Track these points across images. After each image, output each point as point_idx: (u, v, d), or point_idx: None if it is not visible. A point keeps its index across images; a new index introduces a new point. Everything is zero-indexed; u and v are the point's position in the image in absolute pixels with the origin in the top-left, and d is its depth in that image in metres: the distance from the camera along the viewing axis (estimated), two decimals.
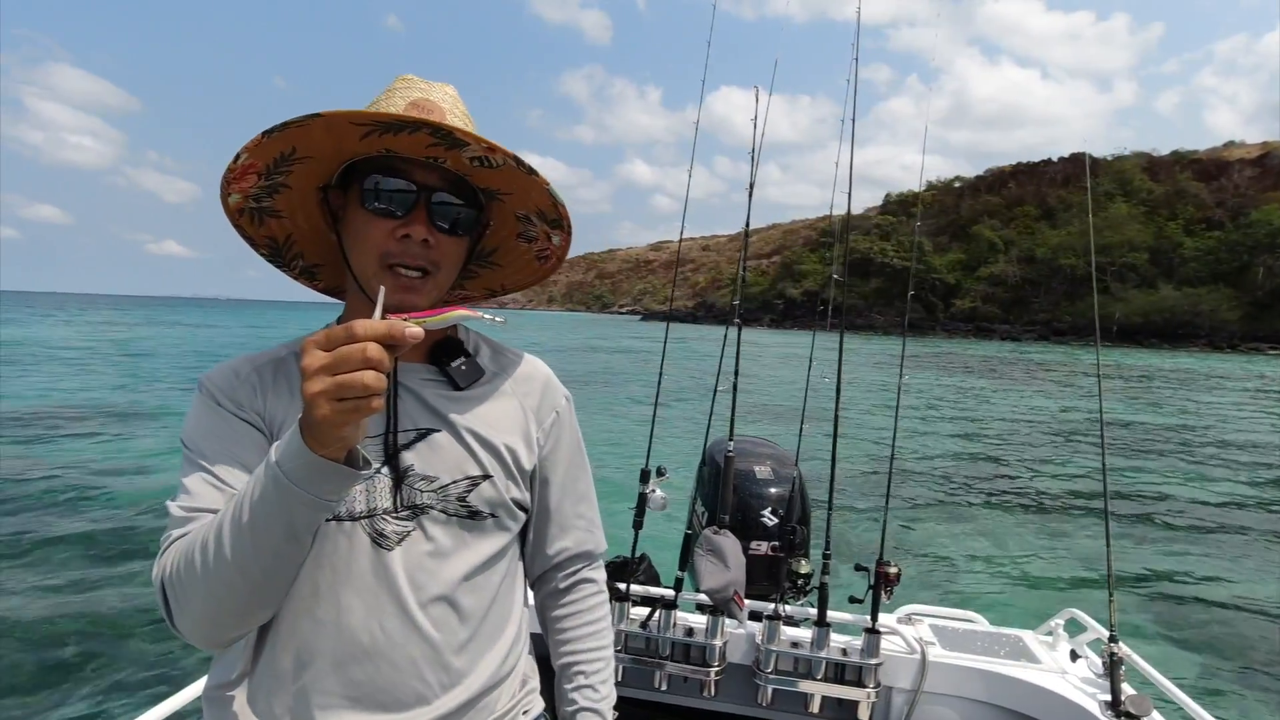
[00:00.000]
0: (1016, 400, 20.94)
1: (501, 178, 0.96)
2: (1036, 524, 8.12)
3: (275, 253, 1.03)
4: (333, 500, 0.76)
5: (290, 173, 0.91)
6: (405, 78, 0.99)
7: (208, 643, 0.85)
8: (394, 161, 0.91)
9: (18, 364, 20.85)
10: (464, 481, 0.97)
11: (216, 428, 0.91)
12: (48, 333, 37.71)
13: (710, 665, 1.86)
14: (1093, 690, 1.80)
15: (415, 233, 0.90)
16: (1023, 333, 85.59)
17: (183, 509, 0.86)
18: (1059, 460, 11.83)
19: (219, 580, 0.78)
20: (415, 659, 0.92)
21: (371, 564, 0.92)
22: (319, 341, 0.68)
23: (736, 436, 2.06)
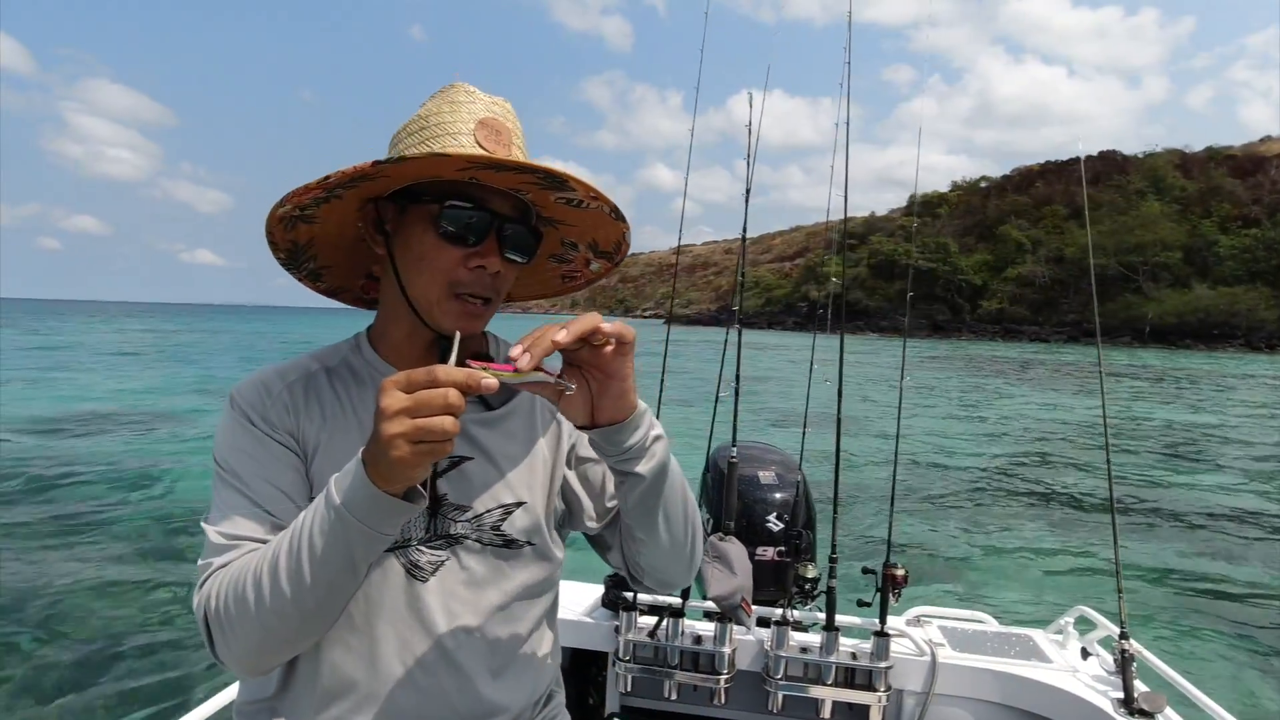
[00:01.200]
0: (1035, 400, 20.62)
1: (577, 214, 0.96)
2: (1046, 522, 8.07)
3: (293, 256, 1.01)
4: (390, 534, 0.77)
5: (356, 187, 0.89)
6: (466, 89, 0.96)
7: (251, 671, 0.85)
8: (473, 188, 0.89)
9: (87, 367, 21.47)
10: (498, 510, 0.96)
11: (251, 448, 0.90)
12: (105, 338, 38.76)
13: (720, 673, 1.86)
14: (1105, 688, 1.78)
15: (490, 264, 0.89)
16: (1052, 334, 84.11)
17: (222, 536, 0.86)
18: (1072, 460, 11.71)
19: (274, 615, 0.79)
20: (447, 690, 0.92)
21: (405, 595, 0.92)
22: (400, 383, 0.69)
23: (739, 442, 2.06)
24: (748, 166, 2.20)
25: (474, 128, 0.91)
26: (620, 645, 1.90)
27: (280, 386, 0.95)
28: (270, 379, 0.96)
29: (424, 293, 0.91)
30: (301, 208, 0.91)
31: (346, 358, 1.00)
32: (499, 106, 0.96)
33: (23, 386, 17.23)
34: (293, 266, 1.02)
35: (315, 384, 0.96)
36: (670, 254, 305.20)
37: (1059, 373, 33.80)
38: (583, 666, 2.09)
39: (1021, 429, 15.36)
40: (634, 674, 1.90)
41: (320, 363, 0.99)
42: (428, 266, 0.90)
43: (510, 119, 0.96)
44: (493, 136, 0.92)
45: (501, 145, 0.92)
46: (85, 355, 28.21)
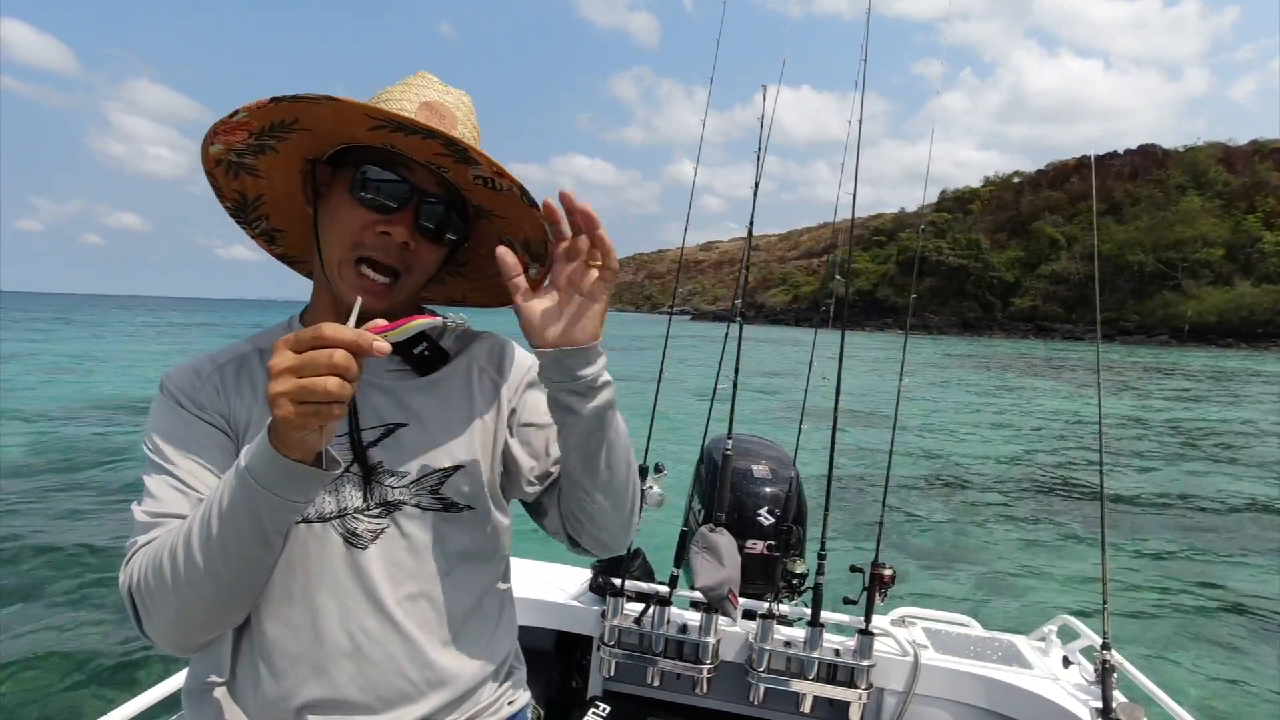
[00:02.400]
0: (1057, 401, 20.25)
1: (500, 201, 0.94)
2: (1038, 528, 8.01)
3: (240, 208, 0.99)
4: (300, 502, 0.76)
5: (283, 140, 0.88)
6: (424, 75, 0.96)
7: (177, 648, 0.84)
8: (394, 156, 0.88)
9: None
10: (435, 474, 0.94)
11: (178, 430, 0.90)
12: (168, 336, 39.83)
13: (703, 662, 1.87)
14: (1084, 697, 1.78)
15: (397, 232, 0.88)
16: (1086, 332, 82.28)
17: (147, 514, 0.85)
18: (1074, 464, 11.53)
19: (189, 586, 0.78)
20: (396, 657, 0.91)
21: (345, 564, 0.91)
22: (289, 342, 0.68)
23: (735, 435, 2.07)
24: (758, 160, 2.20)
25: (416, 107, 0.91)
26: (606, 630, 1.92)
27: (210, 369, 0.94)
28: (201, 363, 0.96)
29: (330, 254, 0.90)
30: (239, 154, 0.90)
31: (278, 338, 0.99)
32: (452, 96, 0.95)
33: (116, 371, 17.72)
34: (242, 220, 1.01)
35: (247, 365, 0.96)
36: (698, 250, 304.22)
37: (1087, 370, 33.07)
38: (568, 650, 2.11)
39: (1035, 429, 15.10)
40: (618, 659, 1.92)
41: (254, 345, 0.99)
42: (338, 226, 0.89)
43: (463, 110, 0.95)
44: (434, 118, 0.91)
45: (441, 127, 0.88)
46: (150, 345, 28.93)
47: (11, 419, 11.66)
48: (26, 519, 6.51)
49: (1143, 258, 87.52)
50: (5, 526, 6.23)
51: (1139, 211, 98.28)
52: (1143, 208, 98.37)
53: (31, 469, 8.34)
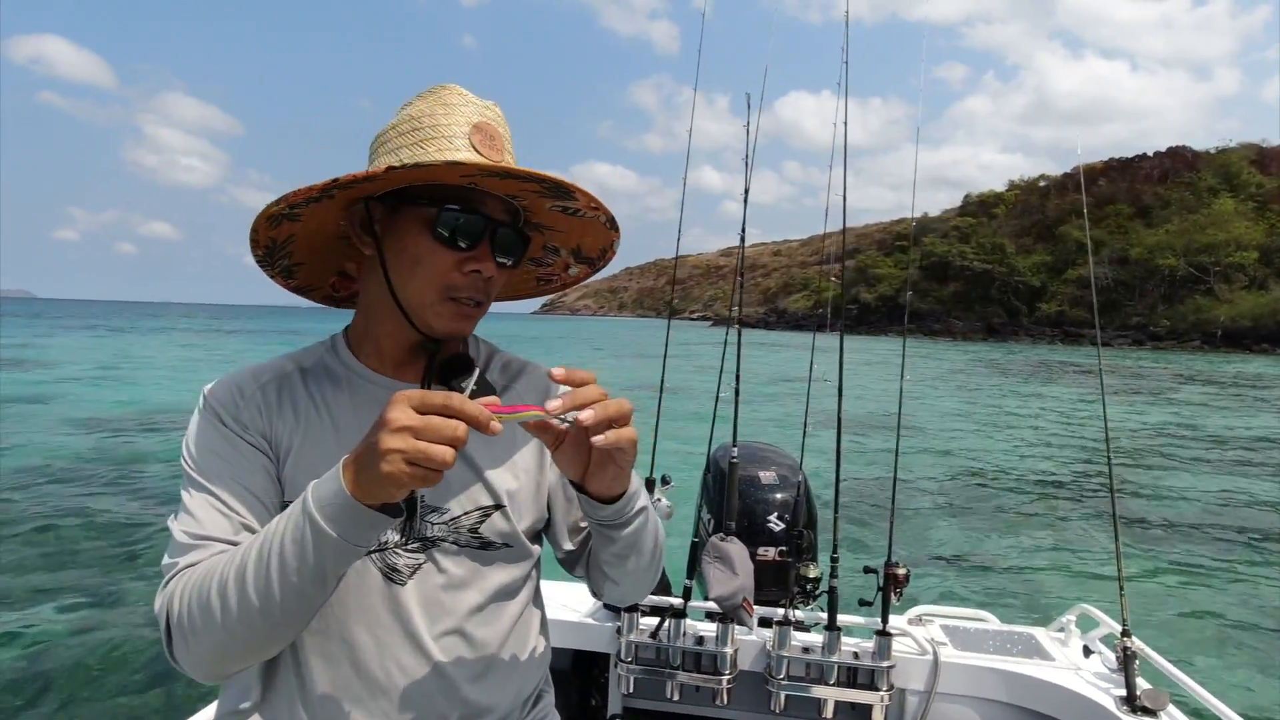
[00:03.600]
0: (1074, 406, 19.94)
1: (566, 220, 0.96)
2: (1050, 521, 7.96)
3: (270, 253, 0.98)
4: (364, 546, 0.75)
5: (349, 189, 0.87)
6: (458, 91, 0.94)
7: (208, 677, 0.83)
8: (468, 192, 0.89)
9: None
10: (475, 513, 0.95)
11: (220, 448, 0.88)
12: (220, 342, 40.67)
13: (722, 673, 1.86)
14: (1107, 685, 1.76)
15: (485, 269, 0.90)
16: (1114, 338, 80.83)
17: (187, 534, 0.84)
18: (1086, 460, 11.44)
19: (239, 623, 0.77)
20: (430, 693, 0.91)
21: (384, 599, 0.91)
22: (413, 401, 0.69)
23: (740, 442, 2.07)
24: (746, 168, 2.20)
25: (469, 131, 0.90)
26: (622, 646, 1.91)
27: (254, 387, 0.93)
28: (244, 380, 0.94)
29: (417, 295, 0.90)
30: (292, 205, 0.88)
31: (323, 359, 0.99)
32: (491, 111, 0.95)
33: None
34: (267, 264, 1.00)
35: (290, 385, 0.95)
36: (719, 255, 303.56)
37: (1113, 374, 32.49)
38: (585, 668, 2.10)
39: (1051, 433, 14.87)
40: (636, 675, 1.90)
41: (296, 363, 0.98)
42: (423, 270, 0.89)
43: (502, 124, 0.95)
44: (487, 142, 0.91)
45: (495, 150, 0.91)
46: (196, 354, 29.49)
47: (59, 424, 11.97)
48: (75, 519, 6.66)
49: (1173, 261, 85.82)
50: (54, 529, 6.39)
51: (1169, 214, 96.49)
52: (1173, 210, 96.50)
53: (70, 473, 8.53)
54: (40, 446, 10.12)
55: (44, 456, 9.45)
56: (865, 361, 30.36)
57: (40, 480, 8.16)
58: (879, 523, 7.49)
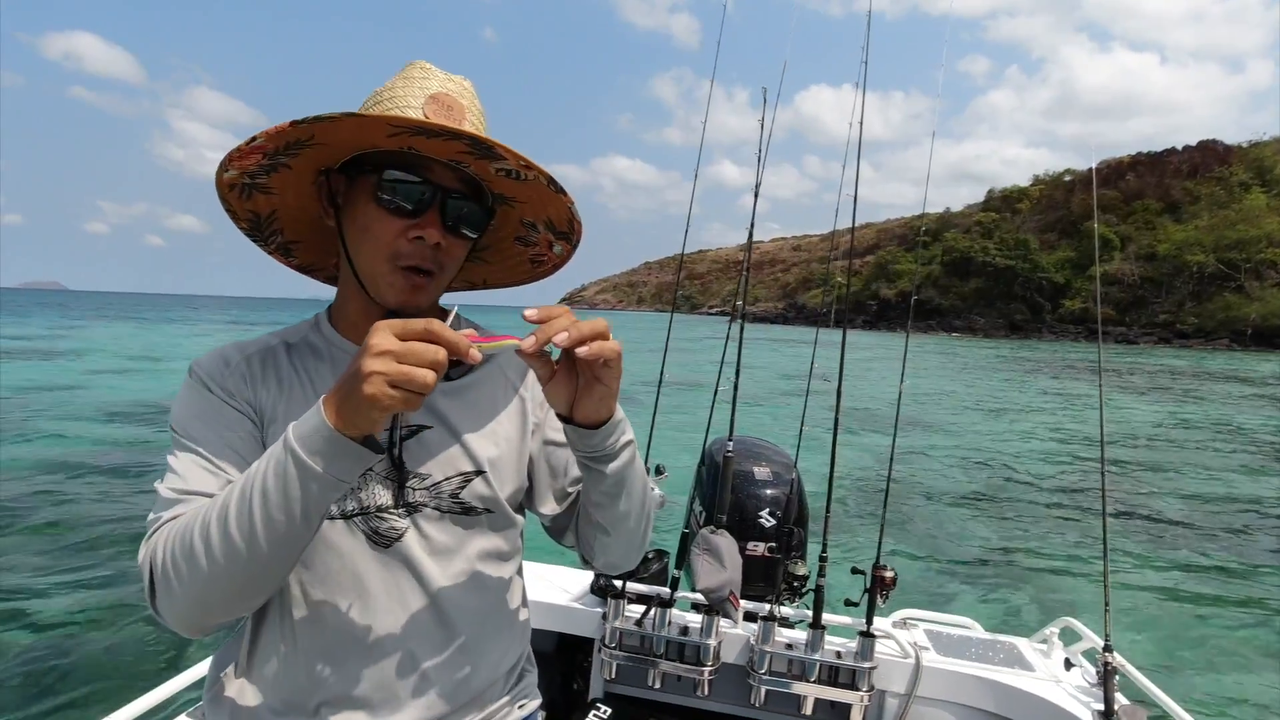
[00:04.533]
0: (1083, 404, 19.68)
1: (522, 188, 0.94)
2: (1040, 531, 7.92)
3: (255, 227, 1.00)
4: (346, 481, 0.76)
5: (297, 156, 0.88)
6: (422, 65, 0.94)
7: (190, 629, 0.82)
8: (412, 158, 0.88)
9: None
10: (457, 478, 0.95)
11: (206, 413, 0.90)
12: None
13: (704, 664, 1.87)
14: (1086, 699, 1.76)
15: (429, 235, 0.88)
16: (1140, 335, 79.46)
17: (172, 490, 0.85)
18: (1079, 469, 11.29)
19: (222, 563, 0.76)
20: (414, 658, 0.92)
21: (368, 562, 0.91)
22: (395, 327, 0.70)
23: (736, 437, 2.07)
24: (758, 164, 2.19)
25: (424, 102, 0.90)
26: (607, 632, 1.93)
27: (239, 358, 0.95)
28: (229, 352, 0.96)
29: (368, 264, 0.90)
30: (251, 175, 0.90)
31: (307, 335, 1.01)
32: (454, 84, 0.94)
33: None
34: (258, 239, 1.01)
35: (274, 357, 0.96)
36: (739, 250, 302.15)
37: (1134, 374, 31.97)
38: (569, 652, 2.12)
39: (1065, 432, 14.68)
40: (619, 661, 1.92)
41: (281, 339, 1.00)
42: (370, 237, 0.89)
43: (467, 97, 0.94)
44: (442, 111, 0.90)
45: (451, 119, 0.90)
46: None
47: (88, 410, 12.24)
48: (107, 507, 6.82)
49: (1202, 258, 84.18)
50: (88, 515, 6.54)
51: (1198, 210, 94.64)
52: (1202, 206, 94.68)
53: (96, 459, 8.73)
54: (70, 433, 10.38)
55: (72, 443, 9.68)
56: (881, 358, 30.16)
57: (68, 466, 8.36)
58: (890, 524, 7.48)
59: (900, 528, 7.58)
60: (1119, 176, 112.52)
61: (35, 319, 52.23)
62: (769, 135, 2.20)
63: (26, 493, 7.23)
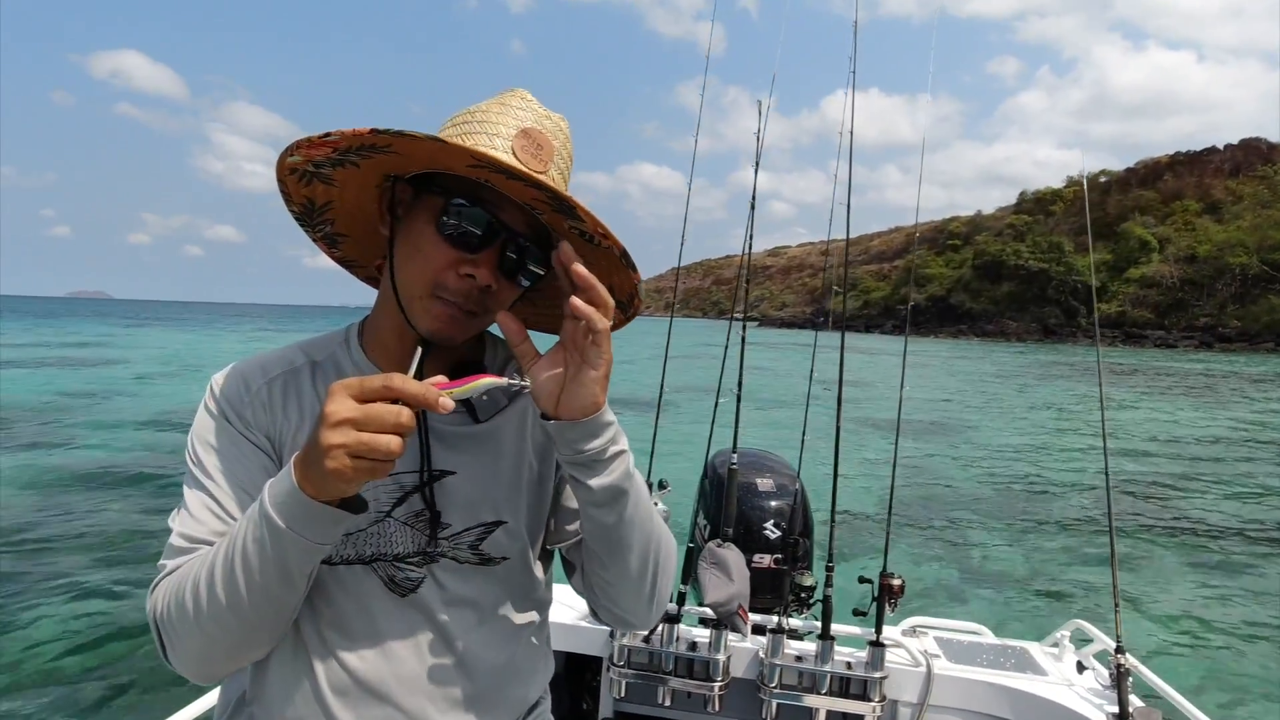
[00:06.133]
0: (1120, 413, 19.21)
1: (591, 251, 0.87)
2: (1045, 536, 7.81)
3: (306, 213, 0.95)
4: (325, 544, 0.73)
5: (370, 159, 0.84)
6: (522, 95, 0.90)
7: (200, 679, 0.82)
8: (486, 190, 0.83)
9: None
10: (477, 529, 0.91)
11: (222, 446, 0.87)
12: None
13: (714, 680, 1.85)
14: (1100, 702, 1.74)
15: (480, 276, 0.83)
16: (1180, 339, 77.36)
17: (181, 537, 0.84)
18: (1085, 470, 11.14)
19: (211, 622, 0.75)
20: (428, 703, 0.89)
21: (383, 607, 0.88)
22: (352, 390, 0.66)
23: (739, 449, 2.07)
24: (754, 173, 2.20)
25: (515, 134, 0.85)
26: (615, 650, 1.91)
27: (260, 382, 0.90)
28: (251, 373, 0.91)
29: (409, 285, 0.85)
30: (316, 164, 0.85)
31: (334, 353, 0.96)
32: (551, 121, 0.89)
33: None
34: (306, 224, 0.97)
35: (296, 382, 0.92)
36: (766, 255, 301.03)
37: (1165, 377, 31.12)
38: (577, 671, 2.11)
39: (1064, 441, 14.37)
40: (628, 679, 1.90)
41: (307, 356, 0.94)
42: (420, 259, 0.84)
43: (560, 138, 0.89)
44: (530, 148, 0.85)
45: (538, 160, 0.85)
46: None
47: (134, 415, 12.60)
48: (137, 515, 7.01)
49: (1245, 259, 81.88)
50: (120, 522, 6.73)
51: (1241, 210, 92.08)
52: (1245, 205, 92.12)
53: (141, 463, 8.97)
54: (115, 436, 10.72)
55: (119, 447, 9.98)
56: (910, 365, 29.65)
57: (115, 468, 8.62)
58: (898, 531, 7.40)
59: (917, 535, 7.52)
60: (1156, 177, 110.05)
61: (88, 326, 54.05)
62: (761, 145, 2.20)
63: (78, 496, 7.48)
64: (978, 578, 6.40)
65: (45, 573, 5.49)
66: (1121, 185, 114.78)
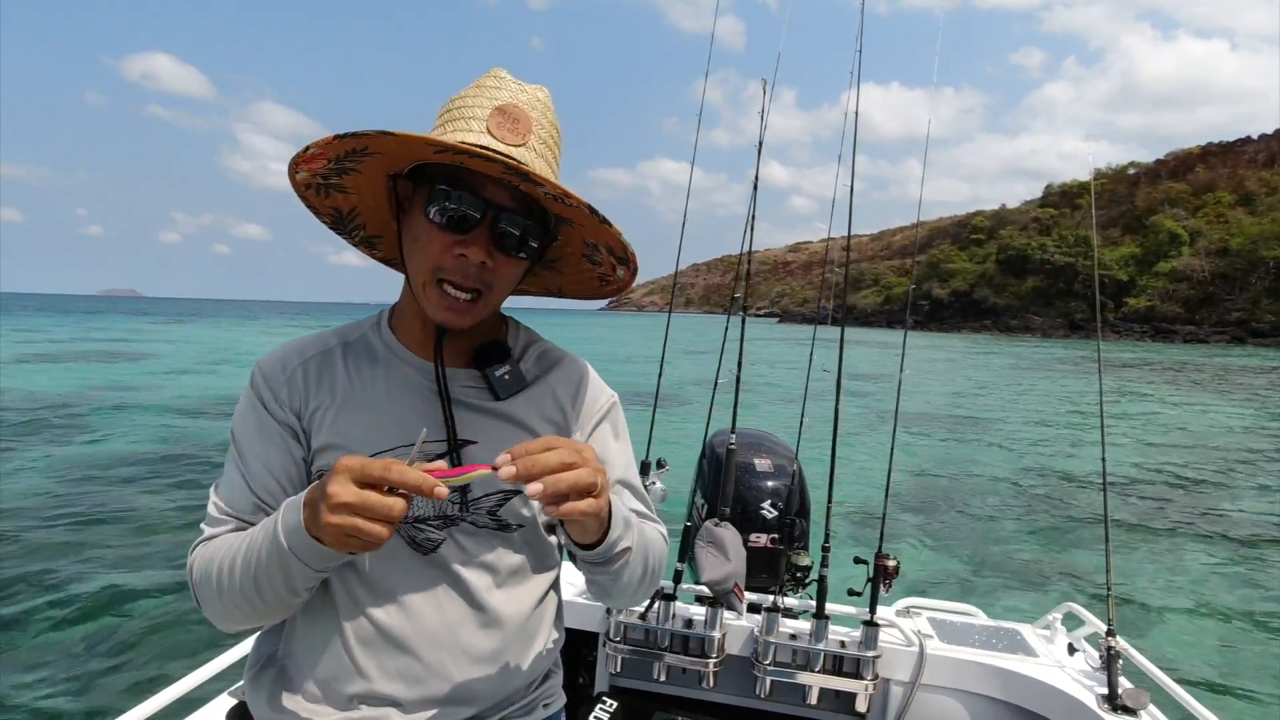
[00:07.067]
0: (1138, 405, 18.89)
1: (572, 213, 0.92)
2: (1038, 518, 7.82)
3: (338, 221, 1.02)
4: (326, 571, 0.82)
5: (363, 161, 0.89)
6: (498, 75, 0.93)
7: (228, 630, 0.93)
8: (465, 173, 0.87)
9: None
10: (496, 495, 0.97)
11: (255, 430, 0.95)
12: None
13: (709, 656, 1.89)
14: (1090, 683, 1.76)
15: (473, 254, 0.87)
16: (1211, 334, 75.69)
17: (217, 509, 0.93)
18: (1080, 457, 11.12)
19: (231, 603, 0.87)
20: (445, 662, 0.94)
21: (407, 565, 0.94)
22: (354, 473, 0.71)
23: (737, 429, 2.09)
24: (756, 160, 2.21)
25: (489, 113, 0.89)
26: (611, 626, 1.94)
27: (296, 363, 0.97)
28: (289, 355, 0.98)
29: (416, 274, 0.91)
30: (324, 176, 0.92)
31: (366, 334, 1.02)
32: (527, 94, 0.92)
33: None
34: (341, 231, 1.04)
35: (330, 362, 0.98)
36: (787, 251, 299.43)
37: (1200, 372, 30.50)
38: (574, 646, 2.13)
39: (1066, 430, 14.14)
40: (624, 655, 1.94)
41: (341, 338, 1.01)
42: (419, 248, 0.89)
43: (538, 108, 0.92)
44: (506, 123, 0.88)
45: (515, 133, 0.89)
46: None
47: (164, 409, 12.91)
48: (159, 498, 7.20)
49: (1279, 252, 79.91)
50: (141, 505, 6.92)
51: (1276, 201, 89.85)
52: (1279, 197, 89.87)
53: (173, 454, 9.19)
54: (146, 428, 10.98)
55: (152, 438, 10.22)
56: (930, 359, 29.47)
57: (148, 460, 8.84)
58: (911, 517, 7.44)
59: (918, 520, 7.52)
60: (1188, 168, 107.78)
61: (122, 323, 55.30)
62: (764, 131, 2.21)
63: (131, 477, 7.78)
64: (975, 563, 6.41)
65: (94, 544, 5.78)
66: (1150, 177, 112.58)
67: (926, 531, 7.23)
